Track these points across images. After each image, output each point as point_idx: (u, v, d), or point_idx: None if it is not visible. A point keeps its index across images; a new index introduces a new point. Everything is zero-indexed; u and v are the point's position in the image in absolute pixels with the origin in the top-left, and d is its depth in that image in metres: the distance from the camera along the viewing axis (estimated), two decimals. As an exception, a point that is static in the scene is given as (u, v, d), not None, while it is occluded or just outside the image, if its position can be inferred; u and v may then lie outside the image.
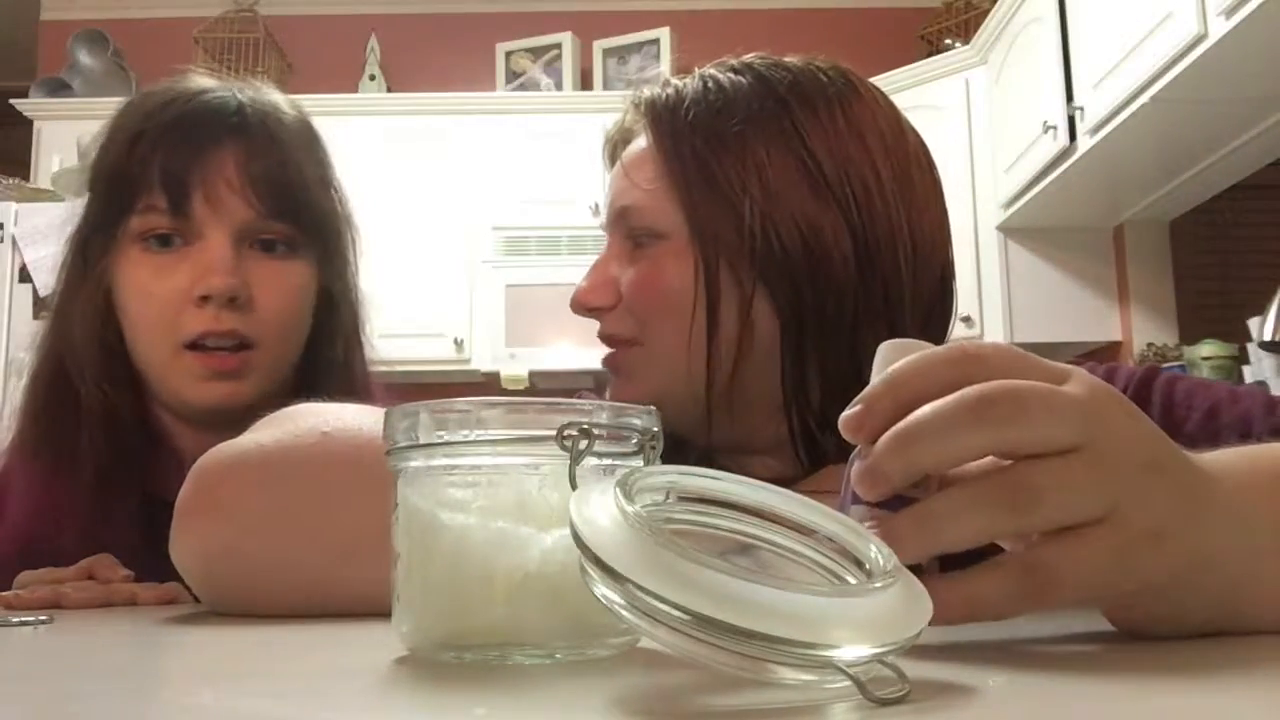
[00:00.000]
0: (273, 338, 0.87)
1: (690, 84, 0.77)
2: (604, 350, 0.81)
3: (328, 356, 0.93)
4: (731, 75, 0.77)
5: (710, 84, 0.77)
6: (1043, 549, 0.36)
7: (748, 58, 0.79)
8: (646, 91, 0.80)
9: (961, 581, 0.37)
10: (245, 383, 0.86)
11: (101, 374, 0.87)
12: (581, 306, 0.77)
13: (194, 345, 0.84)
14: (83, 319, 0.88)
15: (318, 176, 0.92)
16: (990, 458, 0.38)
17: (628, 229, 0.77)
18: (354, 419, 0.59)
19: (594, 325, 0.79)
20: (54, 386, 0.89)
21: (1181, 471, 0.39)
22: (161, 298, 0.85)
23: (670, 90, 0.78)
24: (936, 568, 0.40)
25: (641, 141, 0.78)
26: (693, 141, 0.74)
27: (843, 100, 0.76)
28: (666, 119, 0.76)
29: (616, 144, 0.82)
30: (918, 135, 0.79)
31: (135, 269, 0.86)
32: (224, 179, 0.85)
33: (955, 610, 0.36)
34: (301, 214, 0.89)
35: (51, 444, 0.87)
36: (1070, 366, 0.40)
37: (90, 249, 0.89)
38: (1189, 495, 0.38)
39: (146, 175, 0.85)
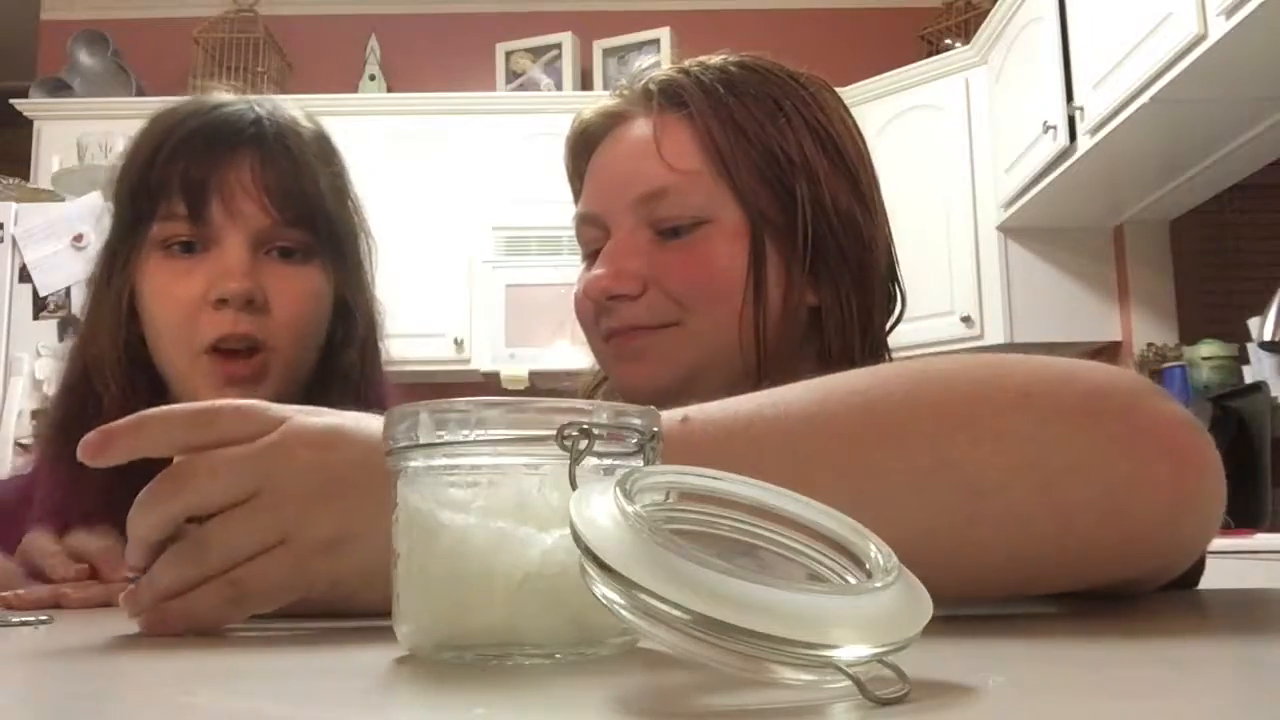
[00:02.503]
0: (287, 341, 0.89)
1: (709, 73, 0.77)
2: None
3: (342, 365, 0.95)
4: (736, 69, 0.78)
5: (730, 71, 0.77)
6: (239, 569, 0.45)
7: (720, 59, 0.79)
8: (662, 74, 0.78)
9: (181, 600, 0.45)
10: (260, 388, 0.88)
11: (125, 381, 0.89)
12: (603, 294, 0.75)
13: (212, 349, 0.87)
14: (107, 327, 0.90)
15: (333, 186, 0.94)
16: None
17: (654, 215, 0.75)
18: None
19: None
20: (76, 395, 0.91)
21: (366, 487, 0.44)
22: (180, 301, 0.87)
23: (694, 76, 0.77)
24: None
25: (644, 126, 0.77)
26: (741, 123, 0.74)
27: (835, 99, 0.80)
28: (702, 101, 0.75)
29: (605, 129, 0.80)
30: None
31: (156, 274, 0.89)
32: (241, 186, 0.88)
33: (177, 622, 0.45)
34: (317, 222, 0.91)
35: (73, 451, 0.88)
36: (288, 413, 0.47)
37: (115, 260, 0.92)
38: (373, 506, 0.42)
39: (167, 184, 0.87)
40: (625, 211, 0.76)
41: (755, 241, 0.73)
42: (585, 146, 0.82)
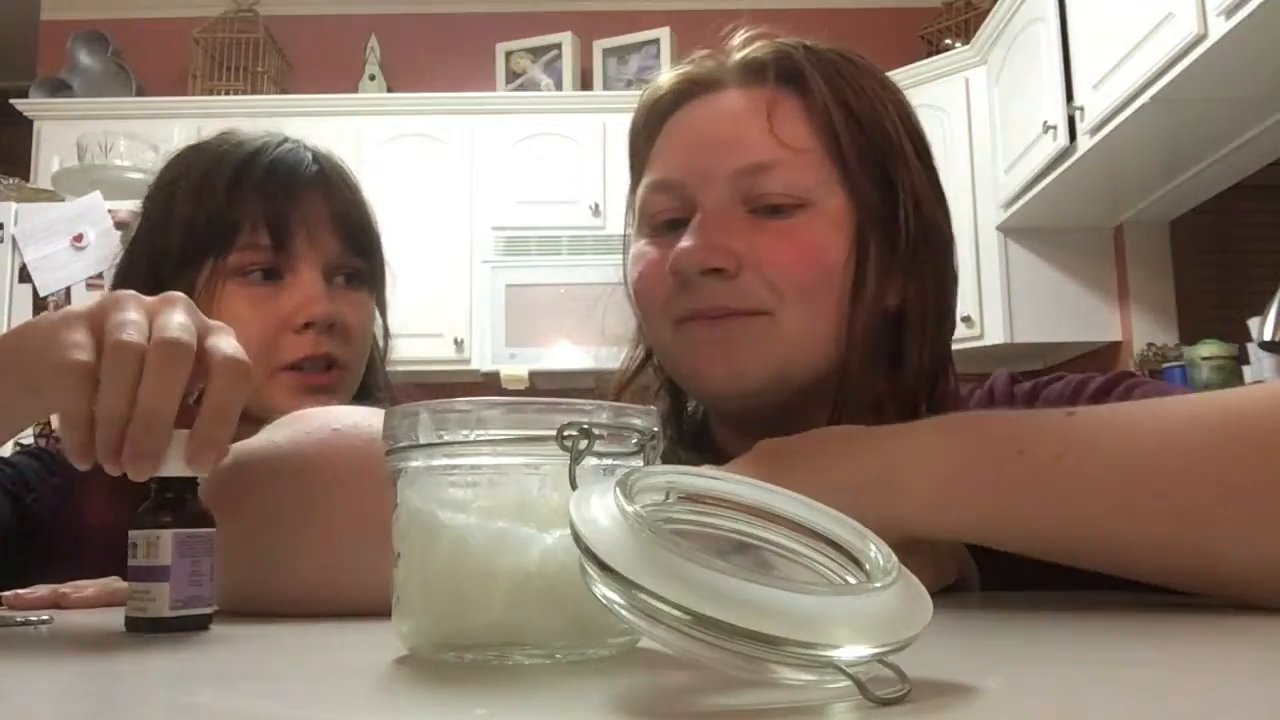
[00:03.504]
0: (355, 361, 0.96)
1: (815, 54, 0.76)
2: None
3: (377, 378, 1.02)
4: (836, 55, 0.77)
5: (834, 56, 0.76)
6: None
7: (810, 43, 0.78)
8: (770, 48, 0.76)
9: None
10: (335, 398, 0.92)
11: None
12: (697, 267, 0.69)
13: (290, 367, 0.91)
14: None
15: (371, 216, 1.01)
16: None
17: (754, 190, 0.71)
18: (362, 418, 0.61)
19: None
20: None
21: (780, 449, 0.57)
22: (260, 325, 0.91)
23: (804, 55, 0.75)
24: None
25: (741, 97, 0.74)
26: (855, 109, 0.73)
27: (908, 101, 0.79)
28: (820, 81, 0.73)
29: (686, 96, 0.77)
30: None
31: (231, 300, 0.92)
32: (319, 219, 0.94)
33: None
34: (370, 251, 0.98)
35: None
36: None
37: (178, 285, 0.93)
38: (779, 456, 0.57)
39: (248, 217, 0.92)
40: (720, 182, 0.71)
41: (859, 232, 0.71)
42: (660, 115, 0.78)
